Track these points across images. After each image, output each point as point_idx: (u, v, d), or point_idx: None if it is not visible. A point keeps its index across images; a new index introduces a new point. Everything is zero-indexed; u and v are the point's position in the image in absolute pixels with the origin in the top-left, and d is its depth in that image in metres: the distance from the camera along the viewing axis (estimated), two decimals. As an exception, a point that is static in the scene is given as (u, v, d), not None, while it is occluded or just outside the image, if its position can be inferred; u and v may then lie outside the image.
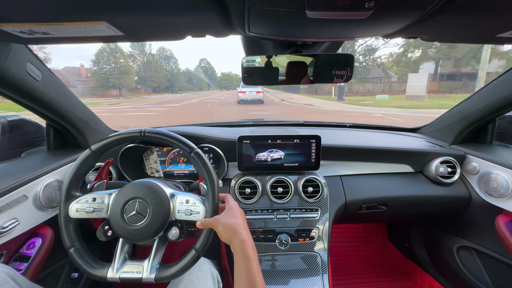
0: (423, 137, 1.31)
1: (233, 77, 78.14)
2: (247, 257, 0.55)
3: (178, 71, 53.67)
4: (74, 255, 0.63)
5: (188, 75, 64.63)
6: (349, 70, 0.75)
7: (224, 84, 70.88)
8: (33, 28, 0.52)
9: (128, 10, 0.46)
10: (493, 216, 0.96)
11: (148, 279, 0.63)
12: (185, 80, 58.89)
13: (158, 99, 24.42)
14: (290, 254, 0.94)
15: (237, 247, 0.57)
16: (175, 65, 52.34)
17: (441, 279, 1.26)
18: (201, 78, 70.38)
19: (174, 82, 49.77)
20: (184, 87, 55.13)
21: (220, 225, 0.61)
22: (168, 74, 48.21)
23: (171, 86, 48.13)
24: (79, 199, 0.66)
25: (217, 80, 73.74)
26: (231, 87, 69.56)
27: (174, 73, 51.29)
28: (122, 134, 0.69)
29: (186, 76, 62.39)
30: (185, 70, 66.06)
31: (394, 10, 0.43)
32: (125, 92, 33.80)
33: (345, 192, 1.04)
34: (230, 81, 74.00)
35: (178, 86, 51.73)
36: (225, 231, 0.60)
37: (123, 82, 32.15)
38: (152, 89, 42.06)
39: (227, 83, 72.10)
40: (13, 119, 1.08)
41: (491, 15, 0.48)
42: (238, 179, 1.01)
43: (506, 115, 1.16)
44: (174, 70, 52.18)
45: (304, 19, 0.46)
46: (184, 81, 58.18)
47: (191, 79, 65.33)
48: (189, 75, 65.13)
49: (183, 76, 57.92)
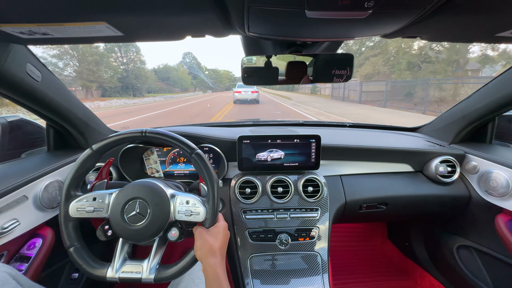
0: (422, 136, 1.31)
1: (222, 75, 63.51)
2: (218, 278, 0.58)
3: (142, 65, 37.32)
4: (74, 254, 0.64)
5: (165, 73, 49.74)
6: (349, 69, 0.75)
7: (209, 84, 55.57)
8: (32, 29, 0.52)
9: (127, 10, 0.46)
10: (493, 215, 0.96)
11: (148, 280, 0.63)
12: (157, 79, 45.06)
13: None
14: (290, 254, 0.94)
15: (208, 268, 0.59)
16: (137, 57, 35.81)
17: (441, 278, 1.27)
18: (184, 77, 54.68)
19: (135, 80, 34.42)
20: (156, 88, 42.37)
21: (199, 240, 0.63)
22: (121, 70, 33.57)
23: (128, 87, 33.52)
24: (79, 199, 0.66)
25: (198, 79, 56.76)
26: (220, 88, 56.60)
27: (135, 68, 35.75)
28: (123, 134, 0.69)
29: (162, 73, 48.16)
30: (162, 67, 51.65)
31: (394, 10, 0.44)
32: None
33: (345, 191, 1.04)
34: (218, 79, 59.64)
35: (146, 86, 37.95)
36: (200, 248, 0.62)
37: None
38: (102, 90, 28.58)
39: (214, 82, 58.10)
40: (13, 120, 1.08)
41: (490, 14, 0.48)
42: (238, 179, 1.01)
43: (506, 114, 1.16)
44: (137, 63, 36.06)
45: (304, 19, 0.46)
46: (156, 80, 43.92)
47: (168, 78, 50.29)
48: (165, 72, 50.04)
49: (153, 74, 43.71)
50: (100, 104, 17.78)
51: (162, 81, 46.88)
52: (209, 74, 60.40)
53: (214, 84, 56.31)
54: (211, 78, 58.84)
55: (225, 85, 60.10)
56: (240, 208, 0.98)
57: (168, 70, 52.65)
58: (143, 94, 35.13)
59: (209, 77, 58.86)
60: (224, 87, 59.07)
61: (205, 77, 60.69)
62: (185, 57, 61.66)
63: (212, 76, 60.20)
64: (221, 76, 65.37)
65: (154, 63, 71.15)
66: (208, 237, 0.63)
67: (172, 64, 57.14)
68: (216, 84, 56.42)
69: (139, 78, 36.02)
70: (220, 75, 65.88)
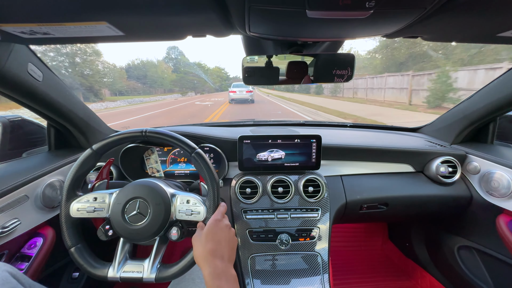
0: (423, 136, 1.31)
1: (212, 73, 48.31)
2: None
3: (96, 57, 27.21)
4: (75, 254, 0.64)
5: (141, 70, 39.17)
6: (350, 69, 0.75)
7: (189, 84, 39.71)
8: (33, 29, 0.52)
9: (128, 10, 0.46)
10: (494, 216, 0.96)
11: (149, 279, 0.63)
12: (128, 78, 34.77)
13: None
14: (290, 254, 0.94)
15: (206, 278, 0.53)
16: (88, 45, 22.49)
17: (441, 278, 1.26)
18: (167, 75, 42.05)
19: (82, 79, 24.47)
20: (124, 89, 32.24)
21: (196, 244, 0.58)
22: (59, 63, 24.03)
23: (73, 87, 17.84)
24: (80, 199, 0.66)
25: (179, 75, 41.52)
26: (208, 88, 42.78)
27: (86, 61, 25.79)
28: (123, 134, 0.69)
29: (138, 70, 38.14)
30: (138, 62, 40.20)
31: (395, 10, 0.43)
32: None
33: (346, 191, 1.04)
34: (198, 76, 43.87)
35: (111, 86, 29.24)
36: (197, 256, 0.56)
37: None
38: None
39: (193, 79, 42.20)
40: (14, 119, 1.09)
41: (492, 14, 0.48)
42: (239, 179, 1.01)
43: (507, 114, 1.15)
44: (87, 54, 25.86)
45: (305, 18, 0.46)
46: (126, 79, 33.76)
47: (145, 76, 39.53)
48: (141, 69, 39.19)
49: (120, 71, 33.63)
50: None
51: (138, 80, 35.08)
52: (195, 71, 45.16)
53: (199, 84, 42.90)
54: (196, 76, 43.81)
55: (216, 85, 47.35)
56: (240, 208, 0.98)
57: (146, 66, 41.09)
58: (101, 98, 24.93)
59: (195, 75, 44.43)
60: (214, 88, 45.71)
61: (204, 75, 48.63)
62: (169, 52, 48.52)
63: (189, 72, 44.12)
64: (210, 74, 52.97)
65: (128, 58, 52.35)
66: (205, 241, 0.57)
67: (153, 60, 44.05)
68: (201, 84, 42.88)
69: (94, 76, 25.73)
70: (209, 73, 52.81)
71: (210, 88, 43.04)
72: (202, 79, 39.83)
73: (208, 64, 66.25)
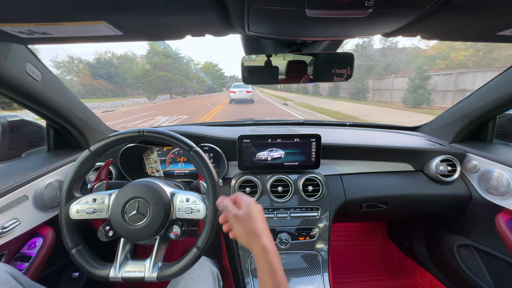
0: (423, 135, 1.31)
1: (202, 69, 36.21)
2: (271, 267, 0.50)
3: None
4: (76, 256, 0.64)
5: (108, 66, 27.86)
6: (349, 69, 0.75)
7: (156, 85, 25.98)
8: (32, 28, 0.52)
9: (127, 9, 0.46)
10: (494, 215, 0.96)
11: (150, 278, 0.63)
12: (91, 76, 24.26)
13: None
14: (290, 253, 0.94)
15: (260, 255, 0.52)
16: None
17: (441, 277, 1.27)
18: (142, 72, 27.83)
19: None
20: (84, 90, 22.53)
21: (240, 227, 0.57)
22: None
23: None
24: (79, 200, 0.66)
25: (150, 78, 26.00)
26: (191, 89, 29.56)
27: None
28: (120, 134, 0.69)
29: (107, 66, 27.57)
30: (109, 57, 28.34)
31: (394, 9, 0.43)
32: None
33: (345, 191, 1.04)
34: (192, 76, 28.50)
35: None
36: (245, 235, 0.56)
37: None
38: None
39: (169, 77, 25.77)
40: (13, 119, 1.08)
41: (491, 13, 0.48)
42: (238, 178, 1.01)
43: (506, 113, 1.16)
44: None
45: (304, 18, 0.46)
46: (89, 77, 24.32)
47: (114, 75, 26.52)
48: (106, 65, 27.94)
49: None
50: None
51: (106, 79, 25.32)
52: (157, 61, 29.17)
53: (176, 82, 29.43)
54: (181, 74, 30.14)
55: (204, 86, 35.87)
56: None
57: (119, 61, 29.51)
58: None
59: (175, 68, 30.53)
60: (203, 88, 35.02)
61: (201, 71, 35.25)
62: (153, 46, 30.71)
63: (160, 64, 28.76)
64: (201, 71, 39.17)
65: (93, 49, 34.85)
66: (246, 221, 0.57)
67: (128, 52, 31.27)
68: (178, 83, 28.95)
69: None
70: (201, 69, 40.26)
71: (198, 89, 34.52)
72: (179, 75, 28.66)
73: (198, 59, 50.77)
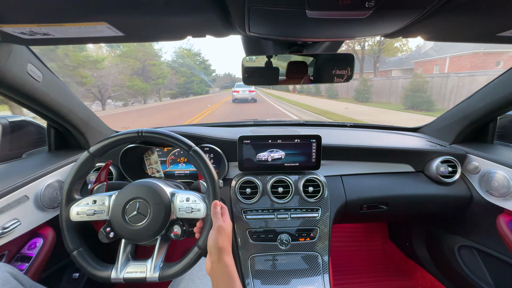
0: (423, 136, 1.31)
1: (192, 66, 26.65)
2: (231, 279, 0.54)
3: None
4: (77, 258, 0.64)
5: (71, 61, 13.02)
6: (350, 69, 0.75)
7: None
8: (33, 29, 0.52)
9: (128, 10, 0.46)
10: (494, 216, 0.96)
11: (152, 278, 0.63)
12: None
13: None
14: (290, 254, 0.94)
15: (224, 269, 0.55)
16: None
17: (442, 278, 1.26)
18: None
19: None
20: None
21: (219, 238, 0.58)
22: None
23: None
24: (79, 202, 0.66)
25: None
26: (161, 92, 19.65)
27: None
28: (119, 135, 0.69)
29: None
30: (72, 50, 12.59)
31: (395, 10, 0.43)
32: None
33: (346, 191, 1.04)
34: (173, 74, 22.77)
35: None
36: (219, 246, 0.57)
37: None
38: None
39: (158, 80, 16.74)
40: (14, 120, 1.09)
41: (491, 14, 0.48)
42: (239, 179, 1.01)
43: (507, 114, 1.15)
44: None
45: (304, 19, 0.46)
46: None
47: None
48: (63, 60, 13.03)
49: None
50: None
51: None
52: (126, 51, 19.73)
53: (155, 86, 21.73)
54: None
55: (193, 87, 29.05)
56: (240, 208, 0.98)
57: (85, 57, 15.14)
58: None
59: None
60: (186, 90, 27.79)
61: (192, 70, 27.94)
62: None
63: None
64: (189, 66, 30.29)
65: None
66: (223, 234, 0.59)
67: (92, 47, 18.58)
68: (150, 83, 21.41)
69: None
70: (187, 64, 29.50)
71: (179, 92, 26.52)
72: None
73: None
